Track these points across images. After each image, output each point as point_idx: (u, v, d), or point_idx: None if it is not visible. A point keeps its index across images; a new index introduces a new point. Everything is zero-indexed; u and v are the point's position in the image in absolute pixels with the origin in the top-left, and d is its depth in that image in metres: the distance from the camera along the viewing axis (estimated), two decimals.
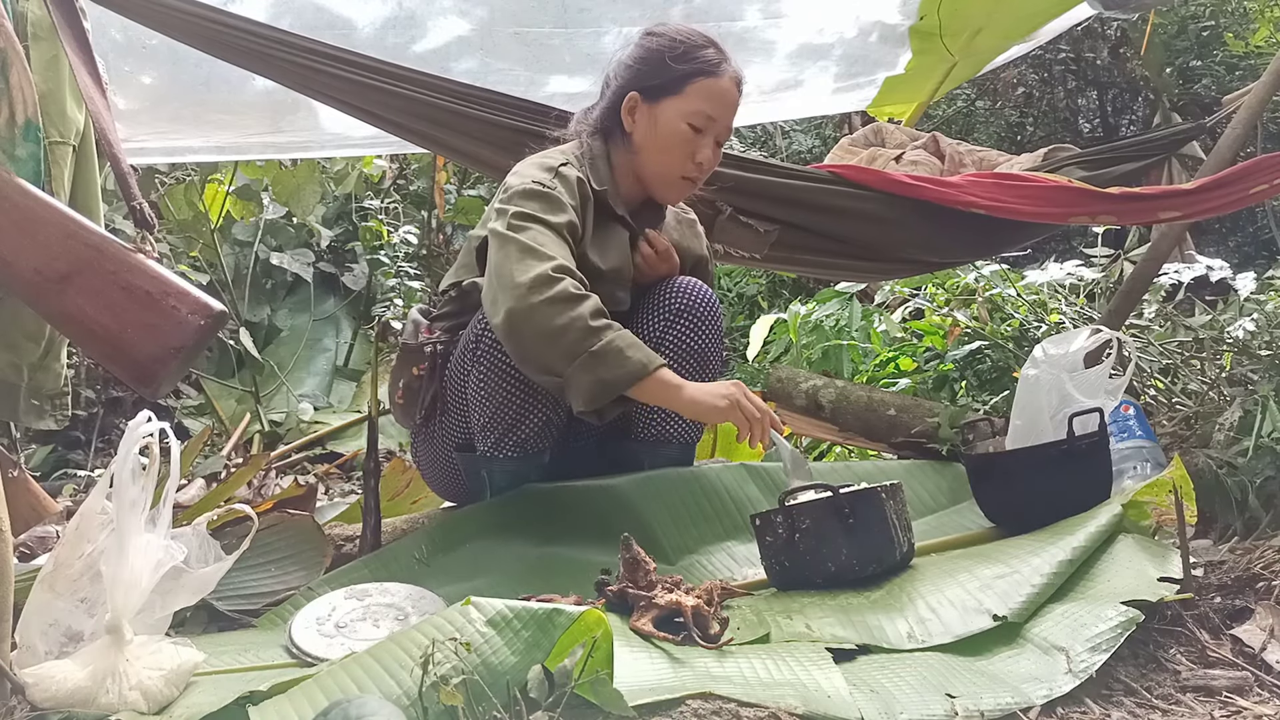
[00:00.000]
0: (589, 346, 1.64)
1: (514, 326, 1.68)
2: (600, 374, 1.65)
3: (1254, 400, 1.92)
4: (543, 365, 1.69)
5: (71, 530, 1.39)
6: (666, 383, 1.68)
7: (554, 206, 1.78)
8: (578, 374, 1.66)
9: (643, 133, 1.92)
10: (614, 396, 1.68)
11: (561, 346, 1.65)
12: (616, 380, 1.66)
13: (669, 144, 1.90)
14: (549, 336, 1.65)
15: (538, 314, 1.65)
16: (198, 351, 2.03)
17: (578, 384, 1.67)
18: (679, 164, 1.92)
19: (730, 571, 1.77)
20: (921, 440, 2.23)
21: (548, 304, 1.65)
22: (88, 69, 2.15)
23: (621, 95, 1.94)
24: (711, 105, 1.90)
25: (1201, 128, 3.00)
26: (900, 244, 2.52)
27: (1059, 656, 1.27)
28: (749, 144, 6.59)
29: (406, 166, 5.72)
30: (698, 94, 1.89)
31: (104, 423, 4.32)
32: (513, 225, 1.74)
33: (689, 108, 1.89)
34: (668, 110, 1.90)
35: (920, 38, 3.29)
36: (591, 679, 1.14)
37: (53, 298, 1.86)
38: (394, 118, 2.42)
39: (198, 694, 1.30)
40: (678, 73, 1.89)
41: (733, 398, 1.69)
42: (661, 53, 1.91)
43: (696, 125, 1.89)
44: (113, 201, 3.71)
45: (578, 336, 1.64)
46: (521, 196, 1.78)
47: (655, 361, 1.67)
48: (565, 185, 1.83)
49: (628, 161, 1.95)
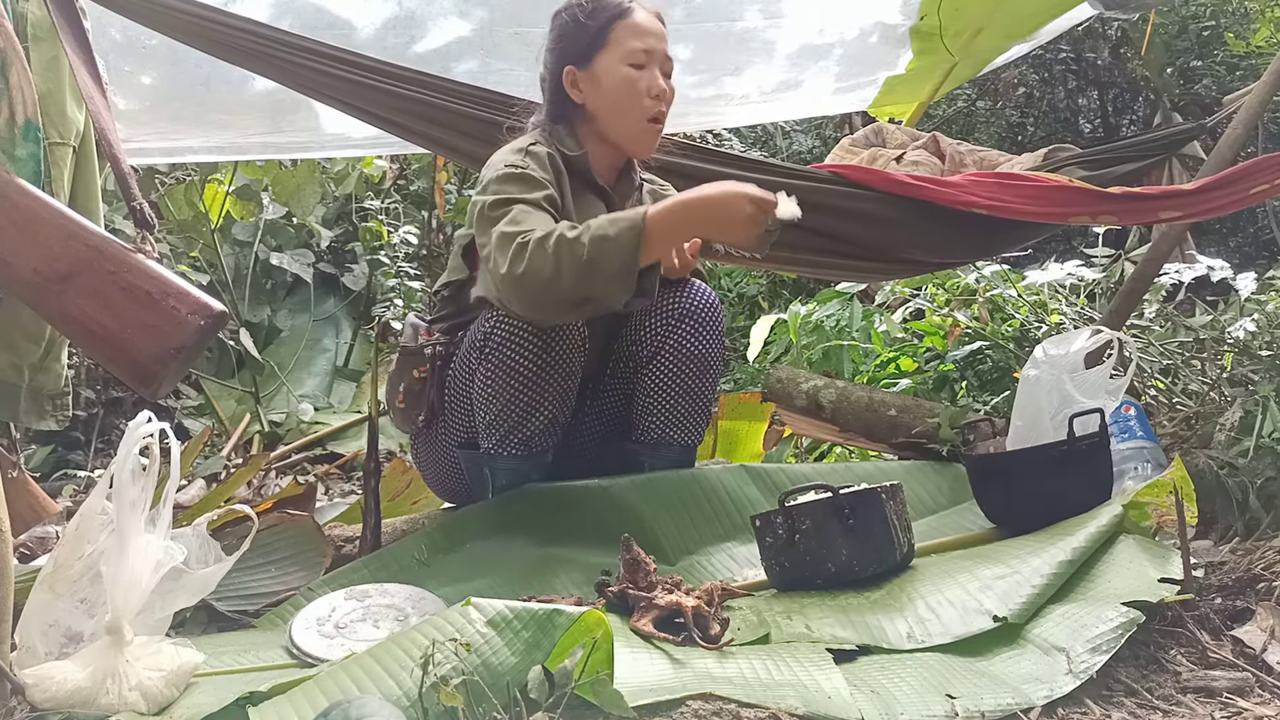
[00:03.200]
0: (580, 258, 1.63)
1: (529, 304, 1.70)
2: (608, 268, 1.65)
3: (1255, 401, 1.92)
4: (570, 305, 1.70)
5: (71, 531, 1.39)
6: (666, 214, 1.68)
7: (529, 184, 1.80)
8: (595, 285, 1.66)
9: (591, 96, 1.94)
10: (636, 271, 1.66)
11: (567, 282, 1.65)
12: (624, 260, 1.65)
13: (619, 93, 1.92)
14: (552, 285, 1.65)
15: (532, 280, 1.65)
16: (198, 352, 2.03)
17: (604, 290, 1.67)
18: (637, 108, 1.92)
19: (730, 572, 1.77)
20: (922, 441, 2.23)
21: (530, 265, 1.64)
22: (88, 69, 2.15)
23: (559, 77, 1.96)
24: (640, 39, 1.92)
25: (1202, 128, 3.00)
26: (901, 244, 2.52)
27: (1059, 657, 1.27)
28: (749, 144, 6.59)
29: (406, 166, 5.72)
30: (622, 35, 1.92)
31: (104, 423, 4.32)
32: (492, 217, 1.76)
33: (621, 50, 1.91)
34: (603, 64, 1.92)
35: (921, 38, 3.29)
36: (592, 680, 1.14)
37: (53, 298, 1.86)
38: (394, 118, 2.42)
39: (198, 694, 1.30)
40: (595, 27, 1.92)
41: (727, 186, 1.71)
42: (574, 19, 1.95)
43: (636, 64, 1.91)
44: (113, 201, 3.71)
45: (570, 263, 1.64)
46: (497, 183, 1.81)
47: (639, 214, 1.67)
48: (536, 161, 1.86)
49: (591, 132, 1.97)
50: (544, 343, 1.80)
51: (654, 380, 1.95)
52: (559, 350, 1.81)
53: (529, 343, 1.80)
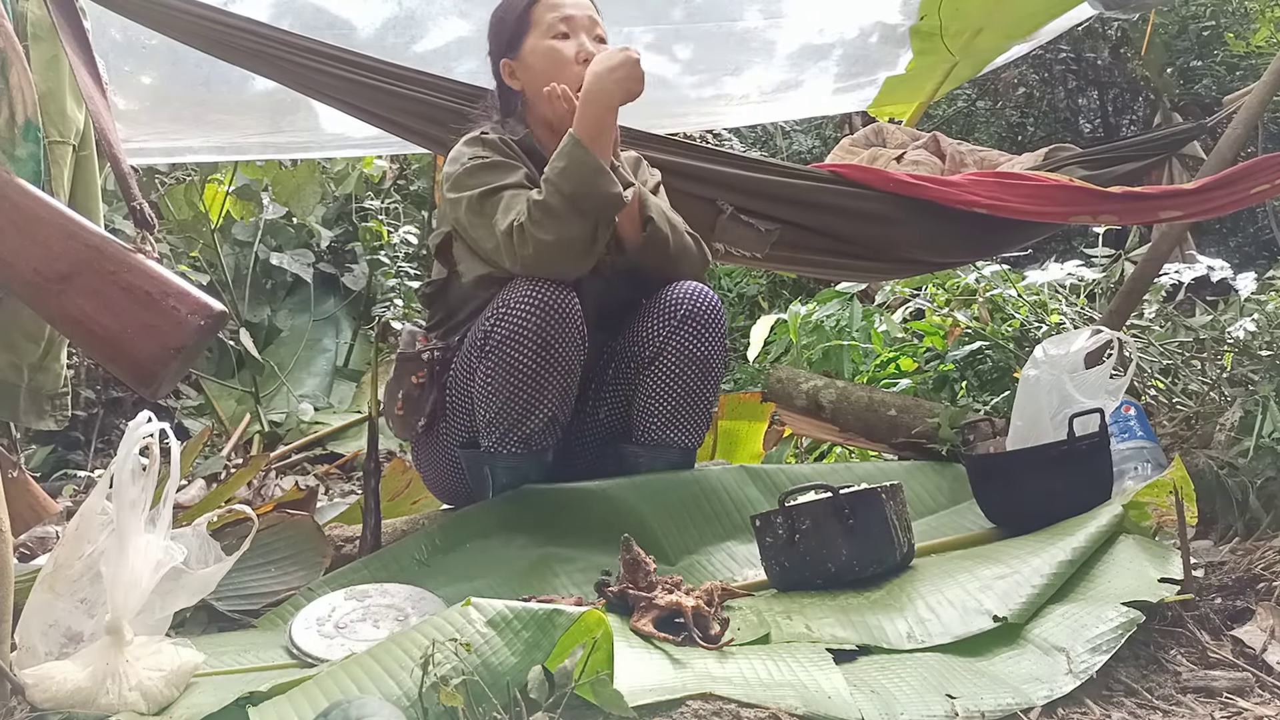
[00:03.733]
0: (564, 196, 1.76)
1: (562, 269, 1.81)
2: (585, 180, 1.77)
3: (1255, 401, 1.91)
4: (589, 237, 1.80)
5: (71, 531, 1.39)
6: (582, 117, 1.82)
7: (503, 169, 1.89)
8: (589, 200, 1.78)
9: (528, 80, 2.00)
10: (603, 164, 1.79)
11: (572, 224, 1.77)
12: (587, 164, 1.78)
13: (546, 65, 1.97)
14: (564, 239, 1.78)
15: (547, 251, 1.78)
16: (198, 352, 2.03)
17: (598, 197, 1.78)
18: (566, 75, 1.95)
19: (730, 572, 1.76)
20: (922, 441, 2.23)
21: (537, 241, 1.77)
22: (88, 69, 2.15)
23: (497, 73, 2.03)
24: (556, 10, 1.98)
25: (1202, 128, 3.00)
26: (901, 244, 2.52)
27: (1059, 657, 1.27)
28: (749, 144, 6.59)
29: (406, 166, 5.71)
30: (540, 14, 1.99)
31: (104, 423, 4.32)
32: (484, 209, 1.85)
33: (541, 28, 1.98)
34: (529, 46, 1.99)
35: (921, 38, 3.29)
36: (592, 680, 1.14)
37: (52, 298, 1.86)
38: (394, 118, 2.42)
39: (198, 695, 1.30)
40: (515, 14, 2.00)
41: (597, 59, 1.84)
42: (498, 16, 2.05)
43: (560, 32, 1.97)
44: (113, 201, 3.70)
45: (559, 208, 1.76)
46: (470, 176, 1.89)
47: (565, 139, 1.80)
48: (492, 147, 1.94)
49: (537, 119, 2.01)
50: (544, 340, 1.80)
51: (655, 382, 1.95)
52: (559, 347, 1.81)
53: (529, 340, 1.80)
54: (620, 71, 1.83)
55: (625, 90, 1.83)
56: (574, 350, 1.84)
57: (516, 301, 1.80)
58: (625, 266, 1.99)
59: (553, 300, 1.80)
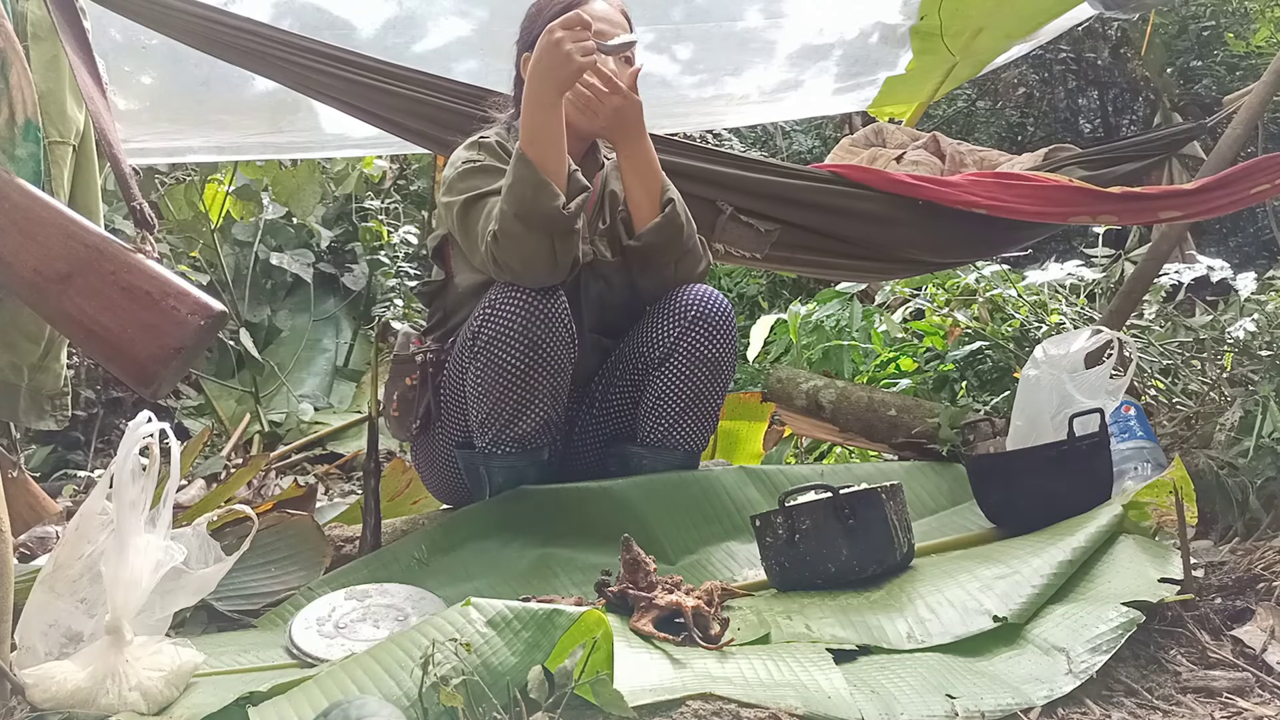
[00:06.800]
0: (513, 212, 1.76)
1: (534, 279, 1.80)
2: (527, 198, 1.75)
3: (1255, 401, 1.91)
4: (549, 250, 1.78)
5: (71, 531, 1.39)
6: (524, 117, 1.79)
7: (492, 175, 1.88)
8: (535, 218, 1.75)
9: None
10: (543, 179, 1.75)
11: (529, 240, 1.76)
12: (530, 180, 1.75)
13: None
14: (529, 254, 1.78)
15: (518, 266, 1.78)
16: (198, 352, 2.03)
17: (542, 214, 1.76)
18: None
19: (730, 572, 1.77)
20: (922, 441, 2.23)
21: (504, 257, 1.78)
22: (88, 69, 2.15)
23: (518, 65, 2.03)
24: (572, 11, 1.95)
25: (1202, 128, 3.00)
26: (901, 244, 2.52)
27: (1059, 657, 1.27)
28: (749, 144, 6.59)
29: (406, 166, 5.72)
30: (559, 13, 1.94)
31: (104, 423, 4.32)
32: (470, 215, 1.85)
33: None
34: None
35: (921, 38, 3.29)
36: (592, 680, 1.14)
37: (53, 298, 1.86)
38: (394, 118, 2.42)
39: (198, 695, 1.30)
40: (551, 13, 1.94)
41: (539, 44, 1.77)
42: (535, 9, 2.04)
43: None
44: (113, 201, 3.70)
45: (511, 227, 1.76)
46: (460, 180, 1.90)
47: (515, 152, 1.78)
48: (488, 151, 1.94)
49: None
50: (531, 340, 1.80)
51: (663, 383, 1.93)
52: (547, 348, 1.81)
53: (516, 341, 1.80)
54: (543, 63, 1.75)
55: (556, 79, 1.76)
56: (563, 350, 1.84)
57: (502, 303, 1.81)
58: (636, 250, 1.97)
59: (538, 302, 1.80)
